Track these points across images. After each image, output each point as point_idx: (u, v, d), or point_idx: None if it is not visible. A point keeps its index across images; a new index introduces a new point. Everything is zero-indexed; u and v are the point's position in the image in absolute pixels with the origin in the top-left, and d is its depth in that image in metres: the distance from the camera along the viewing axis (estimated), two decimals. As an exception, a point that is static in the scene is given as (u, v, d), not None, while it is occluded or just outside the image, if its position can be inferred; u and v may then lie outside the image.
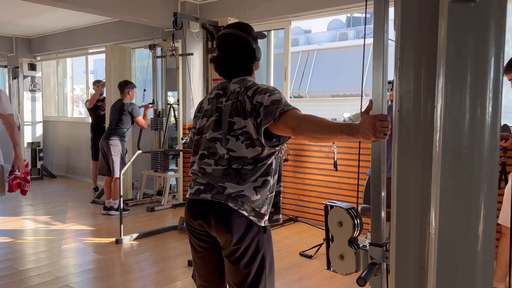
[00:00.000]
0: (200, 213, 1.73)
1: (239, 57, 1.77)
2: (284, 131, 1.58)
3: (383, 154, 1.35)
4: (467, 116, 0.92)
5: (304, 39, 11.10)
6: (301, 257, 3.86)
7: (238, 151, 1.68)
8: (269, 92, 1.64)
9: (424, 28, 1.03)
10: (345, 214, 1.40)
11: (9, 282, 3.30)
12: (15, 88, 8.28)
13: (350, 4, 4.60)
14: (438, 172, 0.95)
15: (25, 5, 5.65)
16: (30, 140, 7.96)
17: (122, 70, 6.22)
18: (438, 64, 0.95)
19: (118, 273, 3.51)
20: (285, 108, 1.55)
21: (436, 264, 0.96)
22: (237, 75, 1.79)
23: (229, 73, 1.81)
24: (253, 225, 1.69)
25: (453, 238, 0.94)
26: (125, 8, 5.37)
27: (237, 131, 1.68)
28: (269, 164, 1.71)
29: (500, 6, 0.90)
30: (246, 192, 1.67)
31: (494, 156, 0.94)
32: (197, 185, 1.76)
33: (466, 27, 0.91)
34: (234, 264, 1.71)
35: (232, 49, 1.78)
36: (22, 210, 5.79)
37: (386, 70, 1.31)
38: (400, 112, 1.07)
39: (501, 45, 0.91)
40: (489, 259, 0.95)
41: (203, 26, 4.48)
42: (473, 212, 0.94)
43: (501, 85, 0.92)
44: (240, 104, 1.68)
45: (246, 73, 1.80)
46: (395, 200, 1.10)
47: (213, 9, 5.71)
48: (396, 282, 1.12)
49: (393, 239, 1.12)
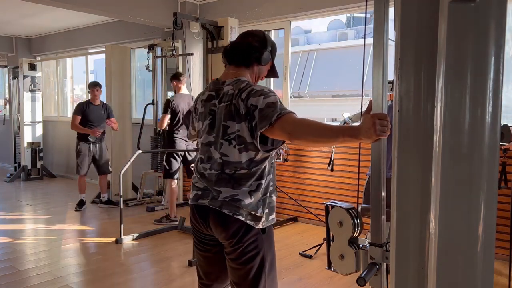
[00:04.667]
0: (200, 218, 1.76)
1: (247, 45, 1.78)
2: (280, 136, 1.57)
3: (383, 154, 1.35)
4: (467, 116, 0.92)
5: (304, 39, 11.09)
6: (301, 257, 3.86)
7: (230, 155, 1.67)
8: (264, 94, 1.61)
9: (424, 28, 1.03)
10: (345, 214, 1.40)
11: (9, 282, 3.30)
12: (15, 88, 8.27)
13: (350, 4, 4.60)
14: (438, 172, 0.95)
15: (25, 5, 5.65)
16: (30, 140, 7.96)
17: (122, 70, 6.22)
18: (438, 64, 0.95)
19: (118, 273, 3.51)
20: (282, 112, 1.53)
21: (436, 264, 0.96)
22: (237, 62, 1.78)
23: (232, 56, 1.80)
24: (251, 228, 1.70)
25: (453, 238, 0.94)
26: (125, 8, 5.37)
27: (230, 135, 1.67)
28: (263, 168, 1.70)
29: (500, 6, 0.90)
30: (240, 196, 1.66)
31: (494, 156, 0.94)
32: (195, 190, 1.78)
33: (466, 27, 0.91)
34: (234, 263, 1.73)
35: (245, 37, 1.81)
36: (22, 210, 5.79)
37: (386, 70, 1.30)
38: (400, 112, 1.07)
39: (501, 45, 0.91)
40: (489, 259, 0.95)
41: (203, 26, 4.49)
42: (473, 212, 0.94)
43: (501, 85, 0.91)
44: (234, 108, 1.65)
45: (245, 63, 1.78)
46: (395, 200, 1.10)
47: (213, 9, 5.71)
48: (396, 282, 1.12)
49: (393, 239, 1.12)
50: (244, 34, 1.84)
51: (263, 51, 1.79)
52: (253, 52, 1.77)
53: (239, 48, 1.79)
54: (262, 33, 1.84)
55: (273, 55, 1.86)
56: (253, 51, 1.77)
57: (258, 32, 1.84)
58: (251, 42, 1.78)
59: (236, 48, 1.80)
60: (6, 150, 9.08)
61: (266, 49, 1.80)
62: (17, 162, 8.20)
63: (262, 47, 1.79)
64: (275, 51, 1.87)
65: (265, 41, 1.80)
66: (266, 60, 1.81)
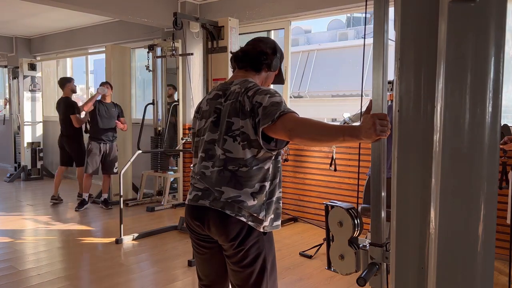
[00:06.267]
0: (199, 219, 1.74)
1: (259, 51, 1.82)
2: (281, 134, 1.57)
3: (383, 154, 1.35)
4: (467, 116, 0.92)
5: (304, 39, 11.09)
6: (301, 257, 3.86)
7: (234, 152, 1.67)
8: (270, 94, 1.64)
9: (424, 28, 1.03)
10: (345, 214, 1.40)
11: (9, 282, 3.30)
12: (15, 88, 8.27)
13: (350, 4, 4.60)
14: (438, 172, 0.95)
15: (25, 5, 5.65)
16: (30, 140, 7.95)
17: (122, 70, 6.22)
18: (438, 64, 0.95)
19: (118, 273, 3.51)
20: (285, 111, 1.55)
21: (436, 264, 0.96)
22: (247, 66, 1.82)
23: (243, 61, 1.83)
24: (253, 229, 1.69)
25: (453, 238, 0.94)
26: (125, 8, 5.37)
27: (235, 131, 1.67)
28: (266, 169, 1.70)
29: (500, 6, 0.90)
30: (243, 198, 1.66)
31: (494, 156, 0.94)
32: (195, 191, 1.76)
33: (466, 27, 0.91)
34: (235, 266, 1.72)
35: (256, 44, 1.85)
36: (22, 210, 5.79)
37: (386, 70, 1.30)
38: (400, 112, 1.07)
39: (501, 45, 0.91)
40: (489, 259, 0.95)
41: (203, 26, 4.49)
42: (473, 212, 0.94)
43: (501, 85, 0.92)
44: (240, 105, 1.67)
45: (255, 68, 1.82)
46: (395, 200, 1.10)
47: (213, 9, 5.71)
48: (396, 282, 1.12)
49: (393, 239, 1.12)
50: (255, 41, 1.88)
51: (273, 57, 1.84)
52: (264, 58, 1.81)
53: (250, 53, 1.82)
54: (272, 40, 1.91)
55: (281, 62, 1.92)
56: (264, 57, 1.81)
57: (268, 39, 1.93)
58: (263, 49, 1.82)
59: (247, 53, 1.83)
60: (6, 150, 9.08)
61: (276, 55, 1.85)
62: (17, 162, 8.20)
63: (273, 54, 1.84)
64: (283, 58, 1.93)
65: (275, 48, 1.87)
66: (276, 66, 1.86)
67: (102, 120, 5.61)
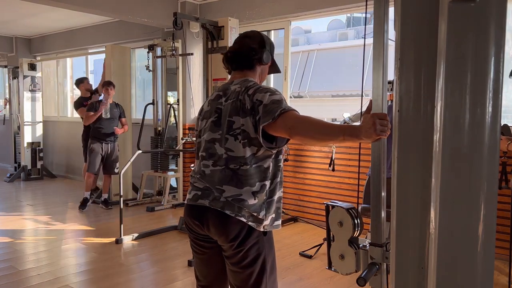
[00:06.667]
0: (199, 218, 1.73)
1: (247, 48, 1.81)
2: (281, 132, 1.58)
3: (383, 154, 1.35)
4: (467, 116, 0.92)
5: (304, 39, 11.09)
6: (301, 257, 3.86)
7: (236, 150, 1.67)
8: (270, 92, 1.64)
9: (424, 28, 1.03)
10: (345, 214, 1.40)
11: (9, 282, 3.30)
12: (15, 88, 8.27)
13: (350, 4, 4.60)
14: (438, 172, 0.95)
15: (25, 5, 5.65)
16: (30, 140, 7.95)
17: (122, 70, 6.22)
18: (438, 64, 0.95)
19: (118, 273, 3.51)
20: (285, 108, 1.55)
21: (436, 264, 0.96)
22: (240, 66, 1.82)
23: (234, 62, 1.83)
24: (253, 230, 1.69)
25: (453, 238, 0.94)
26: (125, 8, 5.37)
27: (236, 130, 1.67)
28: (265, 167, 1.69)
29: (500, 6, 0.90)
30: (244, 196, 1.65)
31: (494, 156, 0.94)
32: (194, 190, 1.76)
33: (466, 27, 0.91)
34: (235, 267, 1.71)
35: (242, 41, 1.84)
36: (22, 210, 5.79)
37: (386, 70, 1.31)
38: (400, 112, 1.07)
39: (501, 45, 0.91)
40: (489, 259, 0.95)
41: (203, 26, 4.49)
42: (473, 212, 0.94)
43: (501, 85, 0.92)
44: (240, 103, 1.67)
45: (248, 66, 1.81)
46: (395, 200, 1.10)
47: (213, 9, 5.71)
48: (396, 282, 1.12)
49: (393, 239, 1.12)
50: (241, 38, 1.87)
51: (263, 51, 1.82)
52: (254, 54, 1.80)
53: (239, 53, 1.82)
54: (257, 33, 1.88)
55: (272, 52, 1.90)
56: (254, 53, 1.80)
57: (253, 33, 1.88)
58: (250, 45, 1.81)
59: (237, 53, 1.83)
60: (6, 150, 9.08)
61: (265, 48, 1.83)
62: (17, 162, 8.20)
63: (261, 47, 1.82)
64: (273, 48, 1.91)
65: (263, 40, 1.84)
66: (268, 58, 1.85)
67: (104, 120, 5.62)
